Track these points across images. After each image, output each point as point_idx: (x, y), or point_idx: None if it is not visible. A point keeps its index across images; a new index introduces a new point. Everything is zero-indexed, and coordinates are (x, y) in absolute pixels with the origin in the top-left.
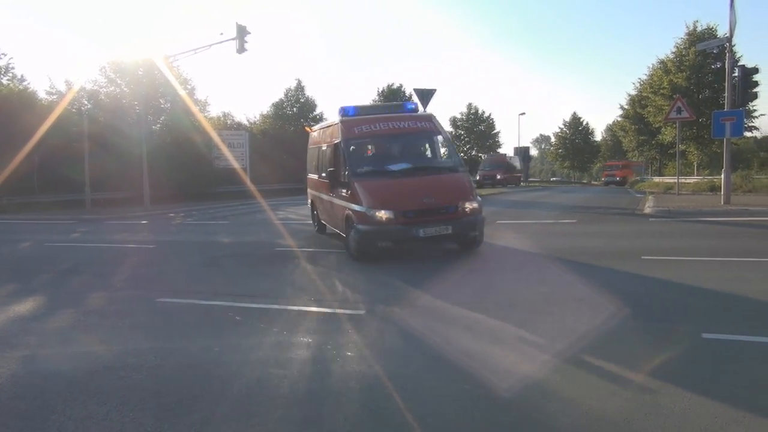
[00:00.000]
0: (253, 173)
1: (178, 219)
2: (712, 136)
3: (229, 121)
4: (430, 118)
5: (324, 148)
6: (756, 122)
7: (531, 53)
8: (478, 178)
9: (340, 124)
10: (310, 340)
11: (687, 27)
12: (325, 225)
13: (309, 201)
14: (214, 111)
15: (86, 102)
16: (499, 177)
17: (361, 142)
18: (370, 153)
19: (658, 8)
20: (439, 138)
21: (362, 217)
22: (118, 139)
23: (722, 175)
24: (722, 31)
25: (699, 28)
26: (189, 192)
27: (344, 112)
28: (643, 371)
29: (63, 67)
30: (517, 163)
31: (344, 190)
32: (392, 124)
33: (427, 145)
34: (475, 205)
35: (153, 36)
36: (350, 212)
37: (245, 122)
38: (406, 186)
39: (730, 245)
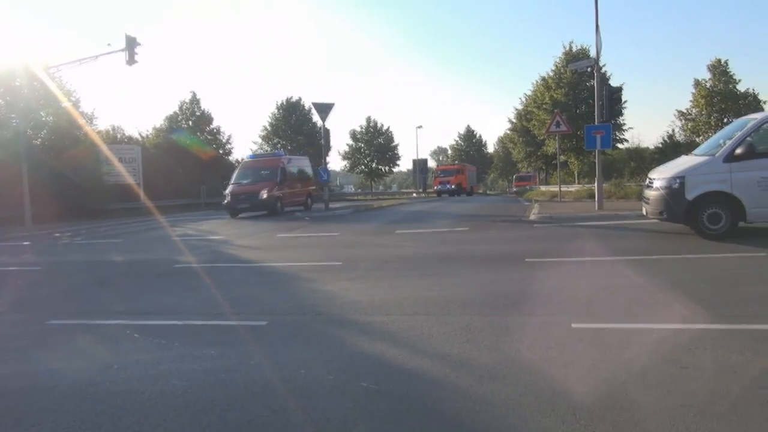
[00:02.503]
0: (147, 189)
1: (65, 239)
2: (585, 148)
3: (119, 135)
4: None
5: None
6: (626, 135)
7: (425, 68)
8: (226, 200)
9: None
10: (212, 352)
11: (564, 47)
12: None
13: None
14: (103, 124)
15: None
16: (263, 196)
17: None
18: None
19: (539, 29)
20: None
21: None
22: None
23: (595, 184)
24: (594, 53)
25: (574, 49)
26: (77, 210)
27: None
28: (509, 357)
29: None
30: (308, 167)
31: None
32: None
33: None
34: None
35: (34, 45)
36: None
37: (137, 136)
38: None
39: (598, 246)
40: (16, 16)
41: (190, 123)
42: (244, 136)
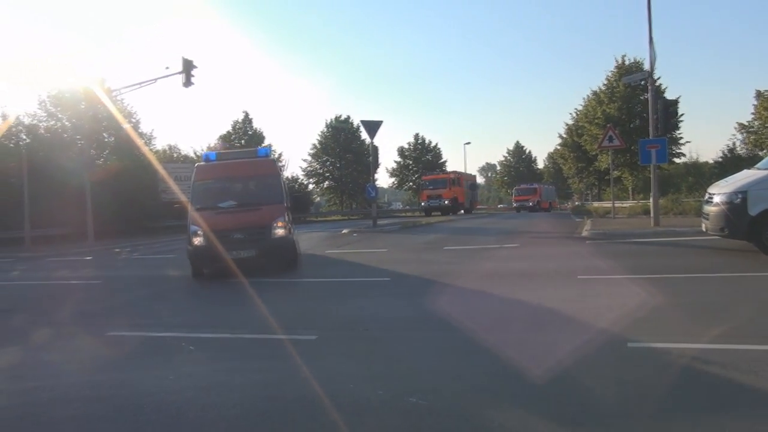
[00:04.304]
0: None
1: (123, 254)
2: (640, 163)
3: (175, 154)
4: None
5: None
6: (683, 149)
7: (473, 84)
8: (196, 242)
9: None
10: (263, 366)
11: (616, 60)
12: None
13: None
14: (160, 144)
15: (24, 137)
16: (278, 233)
17: None
18: None
19: (589, 43)
20: None
21: None
22: (59, 173)
23: (651, 199)
24: (648, 65)
25: (627, 62)
26: (135, 226)
27: None
28: (569, 377)
29: None
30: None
31: None
32: None
33: None
34: None
35: (96, 69)
36: None
37: (192, 155)
38: None
39: (655, 263)
40: (17, 16)
41: (243, 142)
42: (296, 155)
